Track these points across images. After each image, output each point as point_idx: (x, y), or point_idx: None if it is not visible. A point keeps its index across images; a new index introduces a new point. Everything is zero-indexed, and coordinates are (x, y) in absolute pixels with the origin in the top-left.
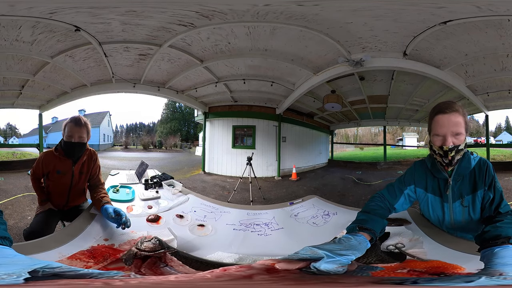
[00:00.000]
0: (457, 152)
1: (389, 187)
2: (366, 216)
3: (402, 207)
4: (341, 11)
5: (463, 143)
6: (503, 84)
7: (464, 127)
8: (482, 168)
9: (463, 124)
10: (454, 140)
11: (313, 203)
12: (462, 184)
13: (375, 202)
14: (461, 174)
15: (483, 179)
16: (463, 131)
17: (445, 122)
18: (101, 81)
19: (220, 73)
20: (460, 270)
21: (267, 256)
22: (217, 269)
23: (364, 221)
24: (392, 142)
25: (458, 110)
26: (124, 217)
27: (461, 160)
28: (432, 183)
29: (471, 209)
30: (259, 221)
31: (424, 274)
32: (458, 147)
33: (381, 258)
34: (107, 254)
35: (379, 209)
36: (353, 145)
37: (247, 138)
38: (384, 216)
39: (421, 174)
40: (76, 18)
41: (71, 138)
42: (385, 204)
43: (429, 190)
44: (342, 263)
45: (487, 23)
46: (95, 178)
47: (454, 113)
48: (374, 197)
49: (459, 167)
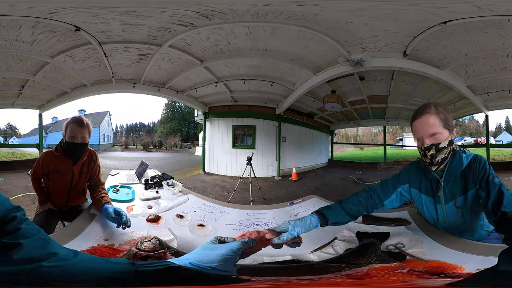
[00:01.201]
0: (438, 151)
1: (383, 183)
2: (334, 205)
3: (392, 204)
4: (341, 11)
5: (446, 141)
6: (503, 84)
7: (442, 125)
8: (472, 165)
9: (438, 123)
10: (431, 140)
11: (313, 203)
12: (454, 185)
13: (358, 197)
14: (452, 174)
15: (473, 177)
16: (439, 130)
17: (418, 127)
18: (101, 81)
19: (220, 73)
20: (460, 270)
21: (267, 256)
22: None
23: (328, 208)
24: (392, 142)
25: (430, 111)
26: (124, 216)
27: (452, 160)
28: (426, 184)
29: (464, 210)
30: (259, 221)
31: (424, 274)
32: (438, 145)
33: (381, 258)
34: (107, 254)
35: (354, 205)
36: (353, 145)
37: (247, 138)
38: (354, 212)
39: (416, 174)
40: (76, 18)
41: (74, 139)
42: (369, 201)
43: (422, 191)
44: (291, 235)
45: (487, 23)
46: (95, 178)
47: (425, 116)
48: (362, 192)
49: (450, 167)
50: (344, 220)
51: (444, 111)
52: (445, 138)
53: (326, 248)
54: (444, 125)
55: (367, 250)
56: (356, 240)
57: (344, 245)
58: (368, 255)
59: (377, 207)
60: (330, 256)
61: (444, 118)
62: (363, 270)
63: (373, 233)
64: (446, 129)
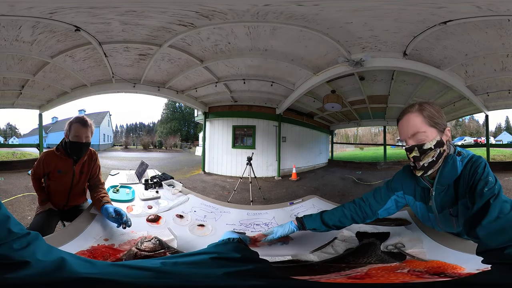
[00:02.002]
0: (422, 153)
1: (376, 192)
2: (316, 215)
3: (388, 212)
4: (341, 11)
5: (432, 141)
6: (503, 84)
7: (426, 123)
8: (465, 171)
9: (420, 121)
10: (413, 141)
11: (313, 203)
12: (446, 194)
13: (343, 209)
14: (444, 183)
15: (463, 184)
16: (422, 129)
17: (400, 128)
18: (101, 81)
19: (220, 73)
20: (460, 270)
21: (267, 256)
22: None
23: (309, 216)
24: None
25: (412, 110)
26: (125, 216)
27: (444, 166)
28: (420, 191)
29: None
30: (259, 221)
31: (424, 274)
32: (422, 146)
33: (381, 258)
34: (107, 254)
35: (336, 216)
36: (353, 145)
37: (247, 138)
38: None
39: (409, 180)
40: (76, 18)
41: (78, 139)
42: (358, 212)
43: (417, 198)
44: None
45: (487, 23)
46: (95, 178)
47: (406, 116)
48: (351, 203)
49: (441, 176)
50: (321, 229)
51: (432, 108)
52: (431, 138)
53: (326, 248)
54: (429, 123)
55: (367, 250)
56: (356, 240)
57: (344, 245)
58: (368, 255)
59: (370, 218)
60: (330, 256)
61: (429, 115)
62: (363, 270)
63: (373, 233)
64: (433, 127)
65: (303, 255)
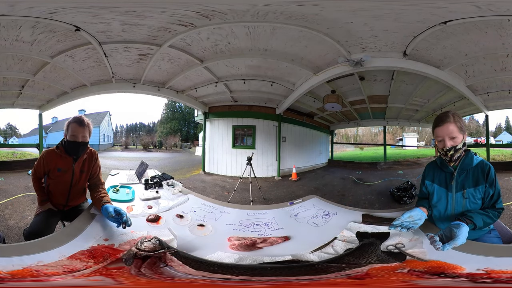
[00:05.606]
0: (455, 151)
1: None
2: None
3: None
4: (341, 11)
5: (461, 143)
6: (503, 84)
7: (458, 130)
8: (485, 168)
9: (456, 129)
10: (451, 142)
11: (313, 203)
12: (465, 178)
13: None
14: (464, 169)
15: (484, 177)
16: (457, 134)
17: (440, 132)
18: (101, 81)
19: (220, 73)
20: (460, 270)
21: (267, 256)
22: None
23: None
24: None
25: (449, 120)
26: (125, 216)
27: (465, 158)
28: (439, 176)
29: (471, 200)
30: (259, 221)
31: (424, 274)
32: (456, 147)
33: (381, 258)
34: (107, 254)
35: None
36: (353, 145)
37: (247, 138)
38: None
39: (430, 170)
40: (76, 18)
41: (75, 138)
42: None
43: (435, 182)
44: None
45: (487, 23)
46: (95, 178)
47: (446, 124)
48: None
49: (463, 163)
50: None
51: (460, 119)
52: (460, 141)
53: (326, 248)
54: (459, 130)
55: (367, 250)
56: (356, 240)
57: (344, 245)
58: (368, 255)
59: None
60: (330, 256)
61: (459, 125)
62: (363, 270)
63: (373, 233)
64: (461, 134)
65: (303, 255)
